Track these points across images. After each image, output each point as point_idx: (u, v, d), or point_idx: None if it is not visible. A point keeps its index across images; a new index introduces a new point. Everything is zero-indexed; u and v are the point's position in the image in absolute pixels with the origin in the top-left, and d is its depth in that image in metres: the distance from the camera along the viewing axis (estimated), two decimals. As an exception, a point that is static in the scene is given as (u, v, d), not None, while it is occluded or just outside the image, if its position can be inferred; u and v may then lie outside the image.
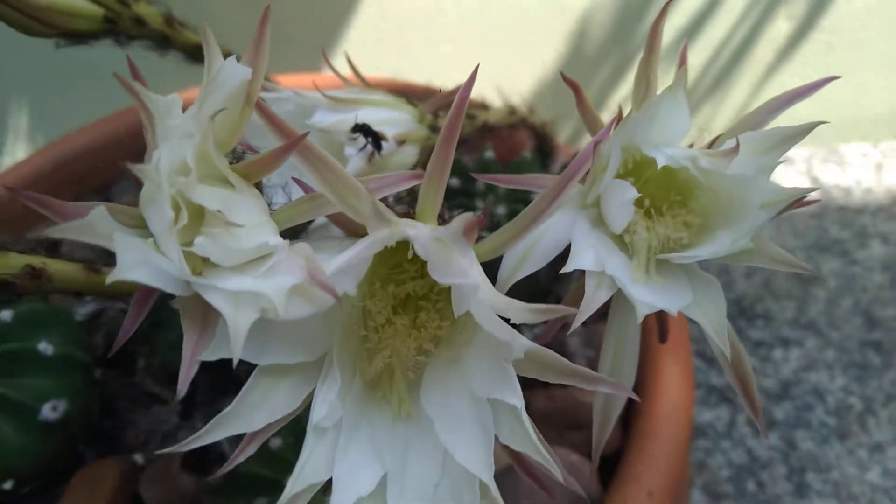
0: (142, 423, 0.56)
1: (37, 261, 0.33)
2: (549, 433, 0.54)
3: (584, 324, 0.36)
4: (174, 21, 0.49)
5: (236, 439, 0.32)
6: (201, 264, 0.27)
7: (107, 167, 0.73)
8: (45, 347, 0.48)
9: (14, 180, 0.69)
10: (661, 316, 0.34)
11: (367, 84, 0.51)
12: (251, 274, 0.26)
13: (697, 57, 1.23)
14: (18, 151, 1.12)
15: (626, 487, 0.48)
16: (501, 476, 0.50)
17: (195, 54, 0.52)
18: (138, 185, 0.28)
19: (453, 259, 0.26)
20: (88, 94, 0.99)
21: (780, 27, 1.20)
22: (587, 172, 0.28)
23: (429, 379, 0.29)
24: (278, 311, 0.25)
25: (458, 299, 0.27)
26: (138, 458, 0.52)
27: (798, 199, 0.28)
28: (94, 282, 0.36)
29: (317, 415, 0.28)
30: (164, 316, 0.51)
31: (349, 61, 0.53)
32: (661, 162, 0.27)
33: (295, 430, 0.44)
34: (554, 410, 0.54)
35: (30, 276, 0.32)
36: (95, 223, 0.25)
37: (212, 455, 0.46)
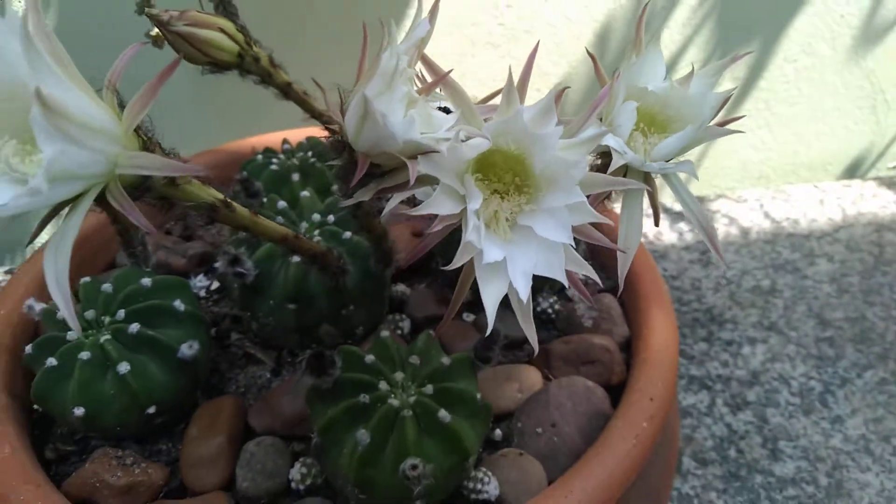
0: (241, 379, 0.69)
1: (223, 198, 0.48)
2: (568, 368, 0.69)
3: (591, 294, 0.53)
4: (275, 62, 0.66)
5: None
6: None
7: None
8: (178, 305, 0.62)
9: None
10: (653, 203, 0.49)
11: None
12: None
13: (658, 113, 1.44)
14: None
15: (632, 396, 0.62)
16: (536, 395, 0.64)
17: (286, 91, 0.69)
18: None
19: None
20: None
21: (725, 86, 1.42)
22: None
23: (521, 218, 0.40)
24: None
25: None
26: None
27: (727, 98, 0.44)
28: (255, 223, 0.51)
29: (470, 226, 0.38)
30: (263, 284, 0.65)
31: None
32: (649, 88, 0.43)
33: (383, 351, 0.58)
34: (571, 352, 0.69)
35: (224, 205, 0.47)
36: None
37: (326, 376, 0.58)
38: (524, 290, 0.37)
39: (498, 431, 0.64)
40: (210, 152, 0.92)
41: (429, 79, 0.38)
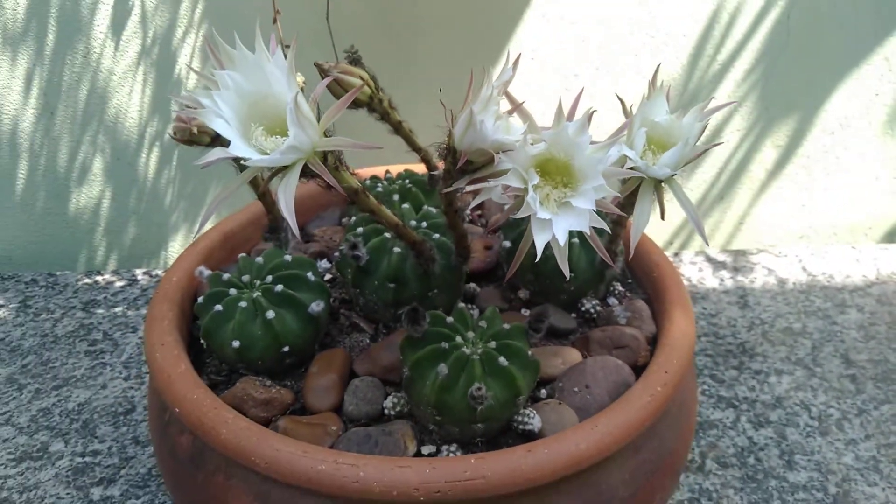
0: (346, 342, 0.89)
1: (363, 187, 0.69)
2: (603, 350, 0.86)
3: (623, 298, 0.73)
4: (392, 104, 0.89)
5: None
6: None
7: (255, 235, 1.08)
8: (310, 276, 0.83)
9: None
10: (660, 202, 0.67)
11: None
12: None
13: (706, 174, 1.61)
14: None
15: (651, 369, 0.78)
16: (575, 366, 0.82)
17: (397, 128, 0.91)
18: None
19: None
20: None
21: (768, 152, 1.59)
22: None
23: (563, 200, 0.59)
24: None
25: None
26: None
27: (705, 126, 0.63)
28: (379, 209, 0.72)
29: (531, 200, 0.57)
30: (371, 267, 0.86)
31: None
32: (657, 119, 0.62)
33: (460, 316, 0.77)
34: (606, 338, 0.86)
35: (362, 191, 0.68)
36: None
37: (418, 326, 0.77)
38: (563, 238, 0.56)
39: (543, 391, 0.81)
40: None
41: (509, 106, 0.59)
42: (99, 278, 1.53)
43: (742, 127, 1.55)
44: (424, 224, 0.90)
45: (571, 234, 0.91)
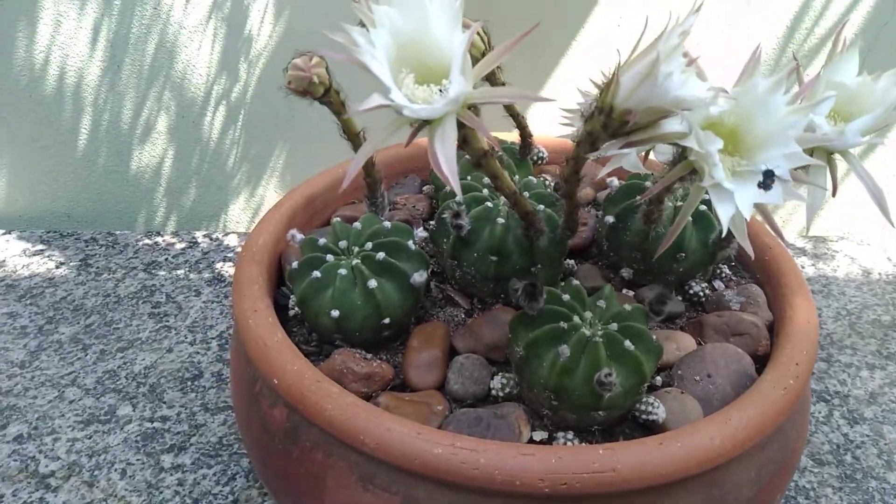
0: (441, 316, 0.84)
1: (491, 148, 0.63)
2: (719, 337, 0.80)
3: (730, 282, 0.67)
4: (500, 67, 0.82)
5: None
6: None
7: (334, 200, 1.04)
8: (411, 244, 0.78)
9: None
10: (833, 176, 0.61)
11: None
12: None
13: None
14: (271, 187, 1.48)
15: (780, 360, 0.72)
16: (693, 352, 0.76)
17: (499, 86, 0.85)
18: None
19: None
20: (319, 149, 1.34)
21: (857, 135, 1.50)
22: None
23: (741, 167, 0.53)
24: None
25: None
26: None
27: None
28: (502, 175, 0.66)
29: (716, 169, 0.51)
30: (473, 238, 0.80)
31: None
32: (848, 84, 0.56)
33: (576, 293, 0.72)
34: (723, 324, 0.81)
35: (491, 153, 0.62)
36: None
37: (535, 303, 0.72)
38: (748, 212, 0.51)
39: (658, 378, 0.76)
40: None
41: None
42: (159, 239, 1.50)
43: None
44: (527, 194, 0.84)
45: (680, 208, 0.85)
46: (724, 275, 0.92)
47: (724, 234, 0.54)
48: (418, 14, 0.46)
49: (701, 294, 0.87)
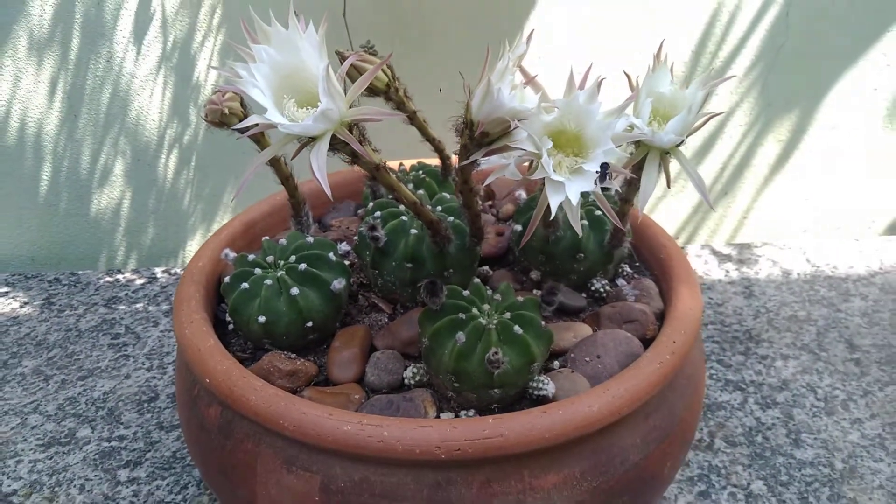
0: (366, 321, 0.93)
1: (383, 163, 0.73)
2: (612, 324, 0.89)
3: (632, 279, 0.78)
4: (408, 94, 0.93)
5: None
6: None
7: (273, 226, 1.13)
8: (331, 256, 0.87)
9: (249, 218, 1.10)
10: (666, 170, 0.71)
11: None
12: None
13: (710, 168, 1.65)
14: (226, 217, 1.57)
15: (660, 339, 0.81)
16: (586, 338, 0.85)
17: (412, 118, 0.95)
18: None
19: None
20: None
21: (771, 147, 1.62)
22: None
23: (575, 166, 0.64)
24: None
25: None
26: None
27: (706, 96, 0.66)
28: (398, 186, 0.76)
29: (545, 163, 0.61)
30: (389, 249, 0.90)
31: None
32: (664, 91, 0.66)
33: (476, 290, 0.81)
34: (615, 313, 0.90)
35: (383, 167, 0.72)
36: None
37: (437, 298, 0.81)
38: (575, 199, 0.60)
39: (556, 363, 0.84)
40: (346, 171, 1.20)
41: (523, 78, 0.63)
42: (120, 276, 1.57)
43: (744, 122, 1.58)
44: (439, 208, 0.94)
45: (581, 215, 0.95)
46: (625, 273, 1.02)
47: (552, 216, 0.63)
48: (292, 49, 0.56)
49: (602, 290, 0.97)
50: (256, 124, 0.54)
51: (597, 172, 0.60)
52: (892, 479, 1.04)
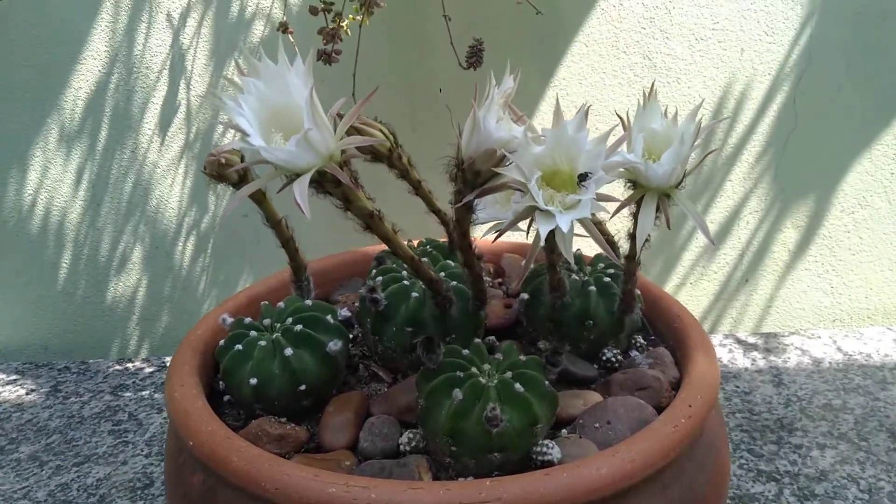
0: (366, 391, 0.89)
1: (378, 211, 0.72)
2: (624, 392, 0.84)
3: (645, 351, 0.76)
4: (412, 162, 0.93)
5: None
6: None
7: (279, 300, 1.11)
8: (329, 319, 0.85)
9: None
10: (665, 210, 0.68)
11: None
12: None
13: (728, 256, 1.62)
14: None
15: (675, 403, 0.76)
16: (596, 404, 0.80)
17: (417, 187, 0.95)
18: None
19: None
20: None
21: (789, 233, 1.59)
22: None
23: (567, 201, 0.61)
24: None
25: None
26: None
27: (698, 128, 0.65)
28: (394, 238, 0.75)
29: (534, 192, 0.59)
30: (390, 313, 0.87)
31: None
32: (656, 128, 0.65)
33: (476, 349, 0.78)
34: (627, 380, 0.84)
35: (378, 215, 0.71)
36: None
37: (433, 355, 0.77)
38: (566, 228, 0.58)
39: (564, 431, 0.79)
40: (354, 251, 1.20)
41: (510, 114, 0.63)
42: (130, 365, 1.56)
43: (759, 208, 1.57)
44: (442, 274, 0.92)
45: (588, 281, 0.92)
46: (639, 345, 0.97)
47: (543, 241, 0.60)
48: (280, 83, 0.57)
49: (613, 360, 0.92)
50: (235, 145, 0.54)
51: (583, 184, 0.58)
52: (953, 580, 0.92)
